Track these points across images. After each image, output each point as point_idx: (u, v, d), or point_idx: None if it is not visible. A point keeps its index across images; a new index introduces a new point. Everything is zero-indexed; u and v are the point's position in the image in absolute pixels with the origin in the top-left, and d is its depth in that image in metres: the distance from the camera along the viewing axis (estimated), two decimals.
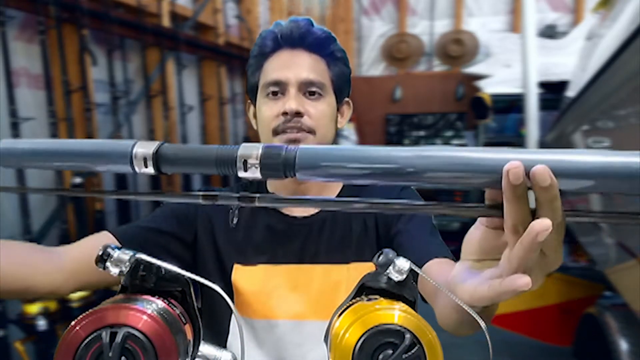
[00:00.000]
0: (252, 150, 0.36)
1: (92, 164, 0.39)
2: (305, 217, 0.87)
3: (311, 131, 0.81)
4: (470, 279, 0.42)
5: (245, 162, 0.36)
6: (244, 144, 0.37)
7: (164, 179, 2.85)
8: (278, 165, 0.36)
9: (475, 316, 0.44)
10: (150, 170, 0.37)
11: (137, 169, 0.37)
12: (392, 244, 0.83)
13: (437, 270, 0.73)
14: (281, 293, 0.83)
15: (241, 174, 0.37)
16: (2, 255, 0.65)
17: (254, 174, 0.37)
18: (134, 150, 0.36)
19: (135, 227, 0.82)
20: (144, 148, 0.36)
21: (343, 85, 0.87)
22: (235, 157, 0.36)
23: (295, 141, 0.81)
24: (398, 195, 0.88)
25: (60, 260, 0.72)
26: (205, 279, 0.44)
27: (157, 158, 0.36)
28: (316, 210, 0.87)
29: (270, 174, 0.37)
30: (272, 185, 0.91)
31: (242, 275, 0.84)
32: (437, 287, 0.67)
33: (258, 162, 0.36)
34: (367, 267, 0.50)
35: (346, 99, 0.90)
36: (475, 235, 0.44)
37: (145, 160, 0.36)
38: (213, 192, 0.40)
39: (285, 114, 0.80)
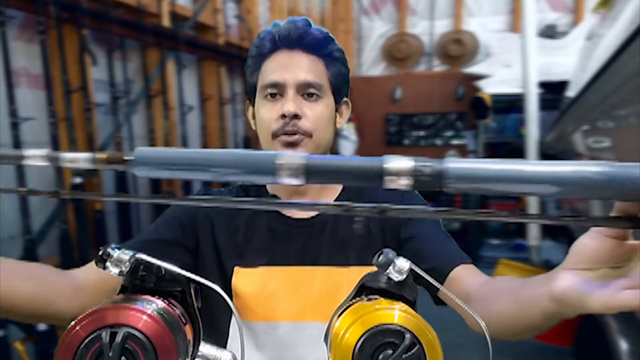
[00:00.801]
0: (402, 164, 0.37)
1: (235, 176, 0.39)
2: (305, 219, 0.87)
3: (308, 134, 0.81)
4: (599, 288, 0.43)
5: (397, 174, 0.37)
6: (388, 156, 0.38)
7: (164, 181, 2.84)
8: (431, 178, 0.37)
9: (476, 317, 0.44)
10: (299, 181, 0.38)
11: (282, 180, 0.37)
12: (402, 250, 0.83)
13: (465, 277, 0.74)
14: (281, 295, 0.83)
15: (391, 185, 0.37)
16: (26, 279, 0.65)
17: (404, 186, 0.37)
18: (280, 162, 0.37)
19: (140, 241, 0.82)
20: (290, 160, 0.37)
21: (341, 85, 0.87)
22: (383, 169, 0.37)
23: (293, 144, 0.81)
24: (402, 198, 0.88)
25: (77, 283, 0.71)
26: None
27: (308, 170, 0.37)
28: (317, 212, 0.87)
29: (421, 186, 0.37)
30: (271, 186, 0.90)
31: (242, 277, 0.84)
32: (471, 294, 0.70)
33: (410, 175, 0.37)
34: (369, 271, 0.50)
35: (345, 99, 0.90)
36: (591, 245, 0.45)
37: (292, 171, 0.37)
38: (316, 204, 0.39)
39: (283, 116, 0.80)
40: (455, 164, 0.38)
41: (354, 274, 0.82)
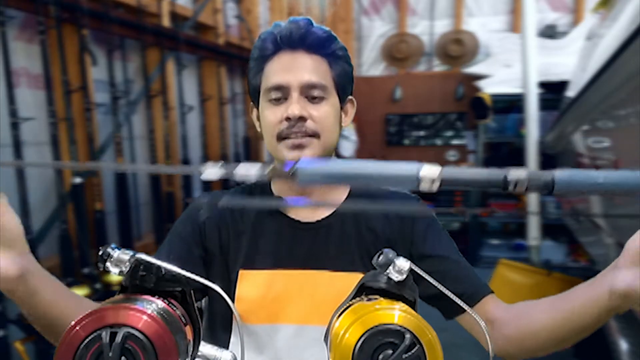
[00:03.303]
0: (520, 174, 0.44)
1: (381, 184, 0.46)
2: (312, 222, 0.86)
3: (315, 135, 0.81)
4: None
5: (515, 184, 0.44)
6: (511, 170, 0.44)
7: (164, 179, 2.85)
8: (541, 186, 0.44)
9: (476, 317, 0.44)
10: (435, 188, 0.44)
11: (423, 188, 0.44)
12: (419, 264, 0.83)
13: (492, 305, 0.79)
14: (285, 298, 0.82)
15: (510, 189, 0.45)
16: (71, 300, 0.67)
17: (521, 191, 0.44)
18: (421, 175, 0.44)
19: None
20: (429, 172, 0.44)
21: (346, 84, 0.86)
22: (507, 179, 0.44)
23: (300, 146, 0.80)
24: (403, 201, 0.88)
25: None
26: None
27: (442, 180, 0.44)
28: (323, 215, 0.87)
29: (534, 191, 0.45)
30: (277, 187, 0.90)
31: (247, 280, 0.83)
32: (497, 320, 0.76)
33: (526, 183, 0.43)
34: None
35: (349, 97, 0.89)
36: None
37: (432, 181, 0.44)
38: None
39: (288, 119, 0.79)
40: (562, 176, 0.44)
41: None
